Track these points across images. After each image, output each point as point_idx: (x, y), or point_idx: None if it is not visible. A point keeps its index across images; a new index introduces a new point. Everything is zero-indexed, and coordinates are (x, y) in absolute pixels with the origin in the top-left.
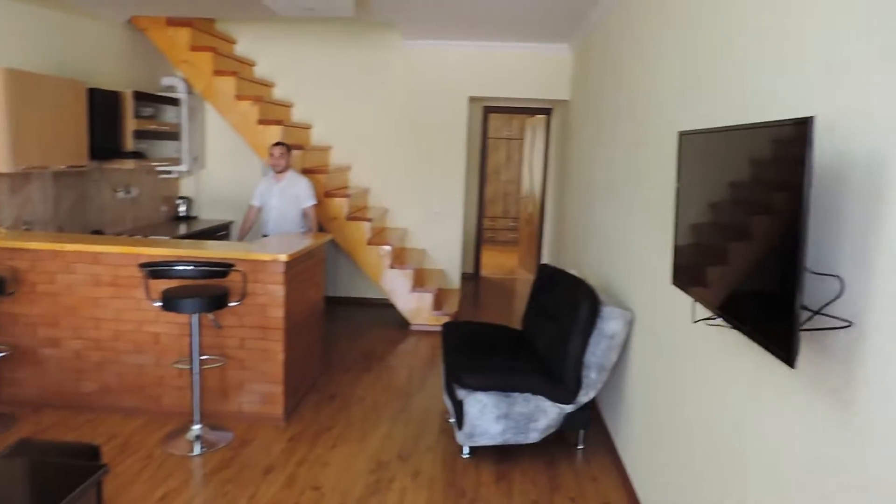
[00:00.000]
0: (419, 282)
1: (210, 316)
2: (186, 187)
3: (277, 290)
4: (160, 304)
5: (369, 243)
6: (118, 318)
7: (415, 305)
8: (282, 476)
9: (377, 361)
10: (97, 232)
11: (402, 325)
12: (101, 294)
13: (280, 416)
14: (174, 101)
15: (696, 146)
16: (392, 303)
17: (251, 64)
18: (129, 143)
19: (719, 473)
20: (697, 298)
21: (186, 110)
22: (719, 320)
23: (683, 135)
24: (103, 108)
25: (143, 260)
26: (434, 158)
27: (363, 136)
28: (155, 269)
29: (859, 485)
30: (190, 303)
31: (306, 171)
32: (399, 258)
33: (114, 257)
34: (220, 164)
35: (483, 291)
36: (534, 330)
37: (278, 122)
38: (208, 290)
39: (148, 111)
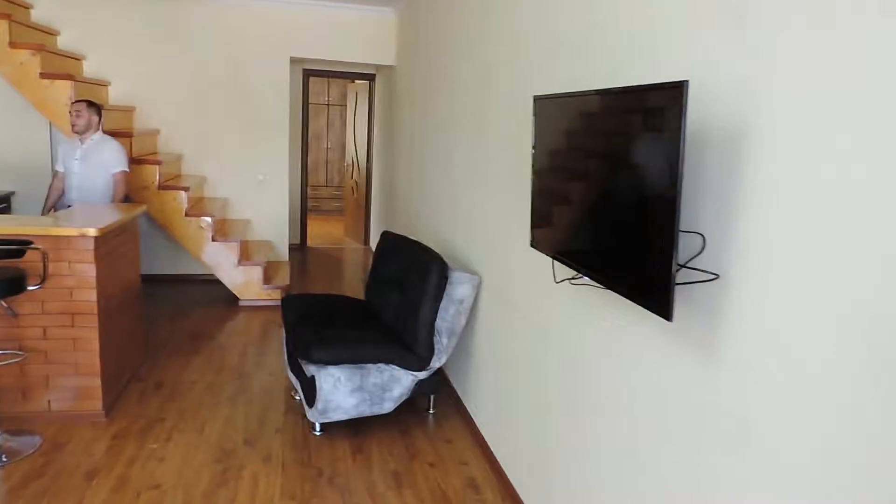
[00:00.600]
0: (245, 255)
1: (2, 304)
2: None
3: (87, 270)
4: None
5: (187, 214)
6: None
7: (242, 280)
8: (110, 479)
9: (206, 342)
10: None
11: (229, 301)
12: None
13: (99, 412)
14: None
15: (557, 110)
16: (217, 278)
17: (27, 6)
18: None
19: (581, 427)
20: (561, 260)
21: None
22: (584, 279)
23: (539, 99)
24: None
25: None
26: (255, 123)
27: (173, 98)
28: None
29: (725, 419)
30: None
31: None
32: (222, 230)
33: None
34: None
35: (312, 262)
36: (379, 299)
37: (68, 77)
38: None
39: None
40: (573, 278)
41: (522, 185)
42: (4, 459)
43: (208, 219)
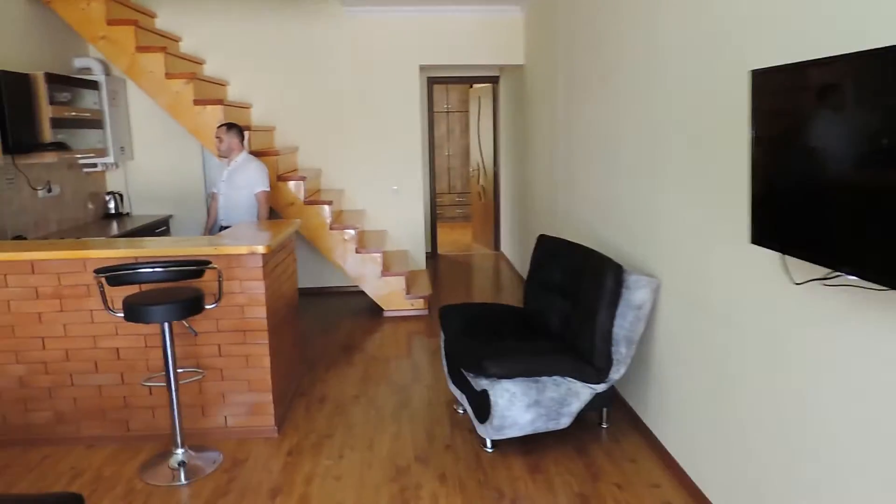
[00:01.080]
0: (386, 265)
1: (184, 323)
2: (114, 181)
3: (257, 287)
4: (121, 314)
5: (331, 228)
6: (68, 334)
7: (386, 291)
8: (293, 498)
9: (358, 354)
10: (19, 237)
11: (374, 312)
12: (45, 308)
13: (271, 427)
14: (92, 85)
15: (792, 82)
16: (361, 289)
17: (176, 39)
18: (48, 134)
19: (830, 463)
20: (805, 256)
21: (107, 94)
22: (849, 279)
23: (760, 73)
24: (13, 95)
25: (97, 265)
26: (388, 134)
27: (308, 115)
28: (116, 275)
29: None
30: (161, 310)
31: (254, 155)
32: (363, 242)
33: (55, 265)
34: (151, 153)
35: (446, 270)
36: (541, 307)
37: (218, 102)
38: (181, 294)
39: (64, 96)
40: (826, 277)
41: (714, 175)
42: (191, 476)
43: (352, 231)
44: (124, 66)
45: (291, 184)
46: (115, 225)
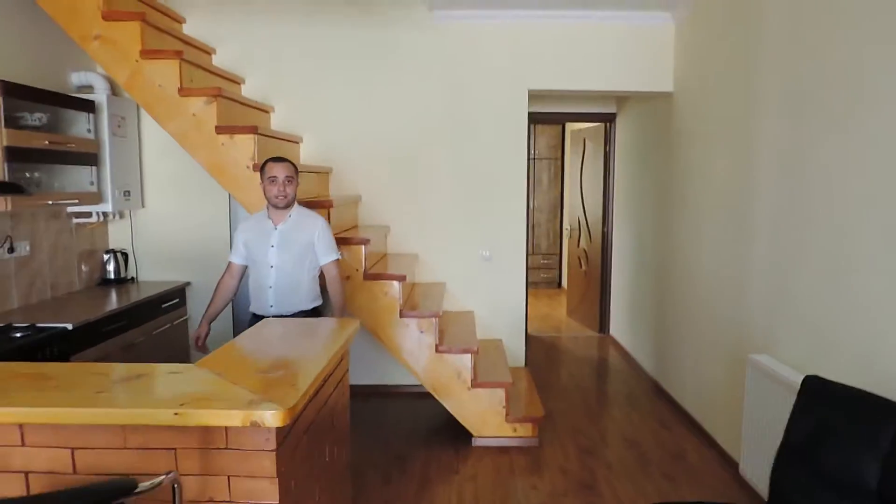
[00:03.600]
0: (476, 371)
1: None
2: (118, 236)
3: (266, 491)
4: None
5: (402, 314)
6: None
7: (476, 408)
8: None
9: None
10: None
11: (457, 433)
12: None
13: None
14: (85, 105)
15: None
16: (438, 399)
17: (207, 51)
18: (1, 172)
19: None
20: None
21: (108, 119)
22: None
23: None
24: None
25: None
26: (481, 181)
27: (374, 154)
28: None
29: None
30: None
31: (309, 206)
32: (443, 333)
33: None
34: (167, 200)
35: (543, 363)
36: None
37: (250, 130)
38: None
39: (36, 118)
40: None
41: None
42: None
43: (431, 320)
44: (123, 78)
45: (352, 248)
46: (113, 295)
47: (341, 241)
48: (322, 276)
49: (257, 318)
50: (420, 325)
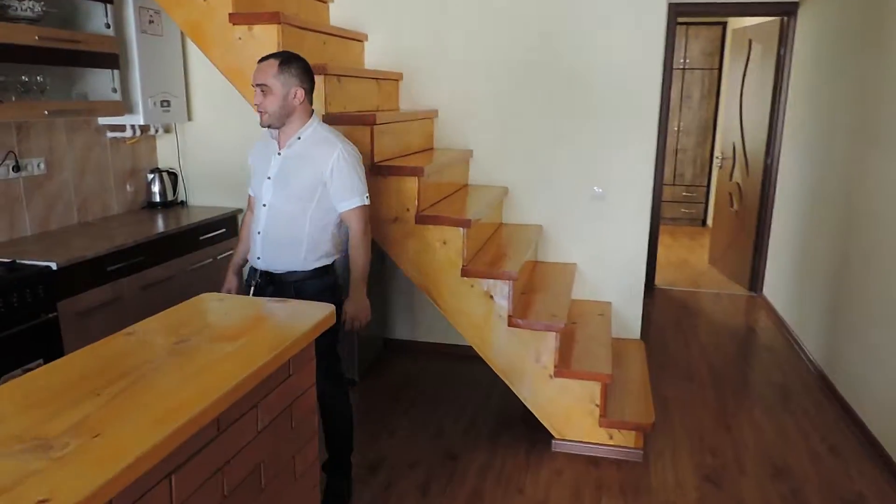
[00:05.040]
0: (566, 346)
1: None
2: (166, 153)
3: None
4: None
5: (465, 272)
6: None
7: (561, 403)
8: None
9: None
10: None
11: (535, 434)
12: None
13: None
14: None
15: None
16: (508, 384)
17: None
18: None
19: None
20: None
21: (134, 14)
22: None
23: None
24: None
25: None
26: (595, 95)
27: (454, 62)
28: None
29: None
30: None
31: (339, 122)
32: (526, 297)
33: None
34: (219, 113)
35: (668, 329)
36: None
37: (272, 19)
38: None
39: (27, 7)
40: None
41: None
42: None
43: (505, 283)
44: None
45: (404, 181)
46: (152, 221)
47: (386, 171)
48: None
49: (253, 270)
50: (489, 287)
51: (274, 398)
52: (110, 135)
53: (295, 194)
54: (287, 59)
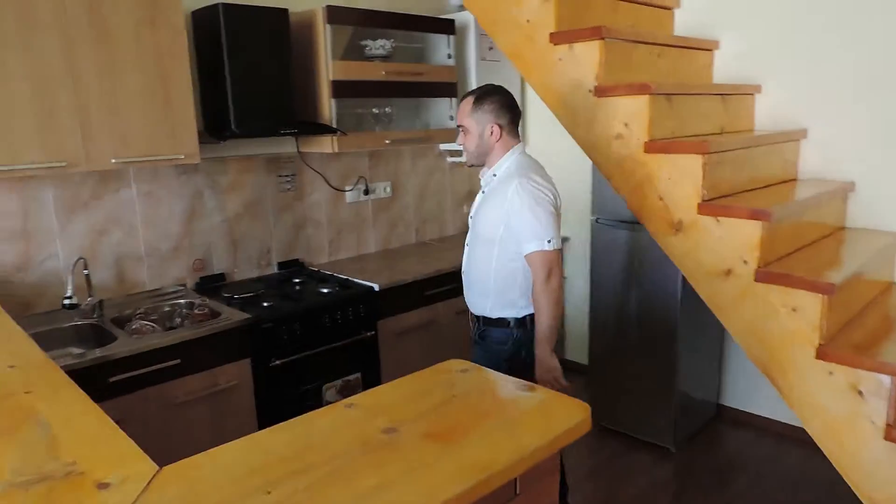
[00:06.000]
0: None
1: None
2: None
3: None
4: None
5: (821, 354)
6: None
7: None
8: None
9: None
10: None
11: None
12: None
13: None
14: (442, 26)
15: None
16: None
17: None
18: (326, 108)
19: None
20: None
21: (475, 41)
22: None
23: None
24: (253, 43)
25: None
26: None
27: (834, 66)
28: None
29: None
30: None
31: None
32: None
33: None
34: (553, 137)
35: None
36: None
37: (593, 35)
38: None
39: (379, 45)
40: None
41: None
42: None
43: (884, 378)
44: None
45: (729, 223)
46: None
47: (716, 211)
48: None
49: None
50: (858, 380)
51: None
52: (450, 160)
53: (481, 235)
54: (482, 96)
